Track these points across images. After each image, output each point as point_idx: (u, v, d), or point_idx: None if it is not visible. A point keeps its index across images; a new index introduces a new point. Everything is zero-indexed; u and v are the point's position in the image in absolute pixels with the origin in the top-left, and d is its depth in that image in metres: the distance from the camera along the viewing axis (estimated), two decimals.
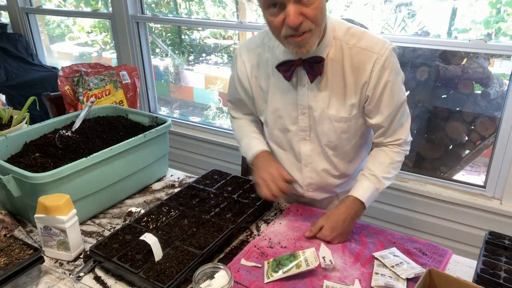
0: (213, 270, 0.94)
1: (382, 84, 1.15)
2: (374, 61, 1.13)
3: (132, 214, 1.29)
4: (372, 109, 1.21)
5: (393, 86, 1.17)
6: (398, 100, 1.19)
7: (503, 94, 2.02)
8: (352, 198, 1.22)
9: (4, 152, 1.35)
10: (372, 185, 1.23)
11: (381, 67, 1.14)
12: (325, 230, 1.18)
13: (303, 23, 1.03)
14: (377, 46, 1.14)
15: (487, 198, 1.99)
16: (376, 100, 1.18)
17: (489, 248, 1.08)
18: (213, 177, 1.48)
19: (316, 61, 1.15)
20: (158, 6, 3.46)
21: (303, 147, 1.31)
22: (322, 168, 1.33)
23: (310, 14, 1.02)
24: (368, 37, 1.16)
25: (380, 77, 1.15)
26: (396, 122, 1.23)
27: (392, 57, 1.15)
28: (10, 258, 1.04)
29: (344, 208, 1.21)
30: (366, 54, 1.14)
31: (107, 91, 2.18)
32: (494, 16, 2.16)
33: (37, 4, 3.62)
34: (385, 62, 1.13)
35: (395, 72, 1.16)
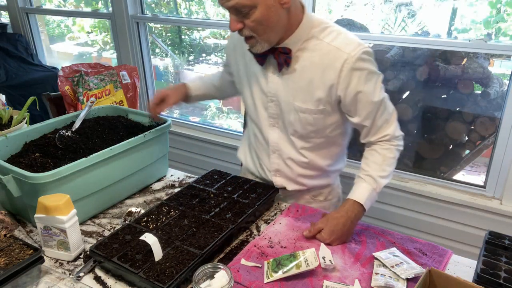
0: (213, 270, 0.94)
1: (353, 86, 1.17)
2: (344, 61, 1.15)
3: (132, 214, 1.29)
4: (350, 109, 1.23)
5: (366, 87, 1.18)
6: (374, 100, 1.20)
7: (503, 94, 2.02)
8: (351, 201, 1.22)
9: (4, 152, 1.35)
10: (369, 186, 1.23)
11: (350, 68, 1.15)
12: (324, 233, 1.18)
13: (243, 30, 1.14)
14: (349, 47, 1.16)
15: (487, 198, 1.99)
16: (351, 101, 1.20)
17: (489, 248, 1.08)
18: (213, 177, 1.48)
19: (285, 52, 1.19)
20: (158, 6, 3.46)
21: (271, 134, 1.35)
22: (288, 157, 1.36)
23: (248, 25, 1.12)
24: (343, 37, 1.18)
25: (351, 79, 1.16)
26: (379, 120, 1.24)
27: (364, 58, 1.16)
28: (10, 258, 1.04)
29: (343, 211, 1.21)
30: (337, 53, 1.16)
31: (107, 91, 2.18)
32: (494, 16, 2.16)
33: (37, 4, 3.62)
34: (355, 63, 1.15)
35: (367, 72, 1.17)
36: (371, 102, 1.20)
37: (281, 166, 1.39)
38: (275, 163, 1.40)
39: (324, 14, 2.49)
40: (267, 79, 1.28)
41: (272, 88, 1.28)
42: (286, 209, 1.36)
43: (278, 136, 1.35)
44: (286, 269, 1.03)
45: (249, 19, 1.10)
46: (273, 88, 1.28)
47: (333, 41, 1.18)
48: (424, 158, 2.29)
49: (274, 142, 1.36)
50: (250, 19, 1.10)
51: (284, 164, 1.39)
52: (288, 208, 1.36)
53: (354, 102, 1.20)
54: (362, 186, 1.23)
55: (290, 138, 1.33)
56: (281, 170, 1.40)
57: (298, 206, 1.37)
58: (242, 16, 1.10)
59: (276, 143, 1.36)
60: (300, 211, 1.34)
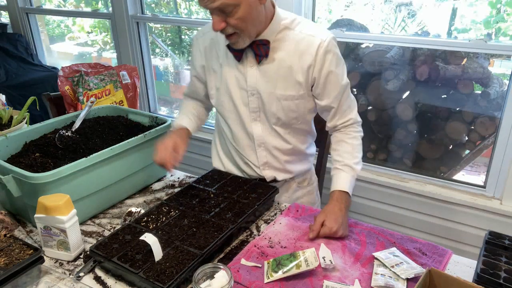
0: (213, 270, 0.94)
1: (326, 67, 1.28)
2: (318, 45, 1.26)
3: (132, 214, 1.29)
4: (320, 91, 1.33)
5: (337, 69, 1.30)
6: (342, 83, 1.32)
7: (503, 94, 2.02)
8: (337, 192, 1.30)
9: (4, 152, 1.35)
10: (348, 175, 1.32)
11: (324, 51, 1.26)
12: (329, 223, 1.19)
13: (226, 28, 1.18)
14: (320, 33, 1.28)
15: (487, 198, 1.99)
16: (323, 82, 1.30)
17: (489, 248, 1.08)
18: (213, 177, 1.48)
19: (263, 43, 1.27)
20: (158, 6, 3.46)
21: (255, 128, 1.40)
22: (274, 146, 1.43)
23: (232, 23, 1.16)
24: (311, 26, 1.31)
25: (324, 60, 1.27)
26: (345, 104, 1.36)
27: (334, 44, 1.29)
28: (10, 258, 1.04)
29: (334, 201, 1.27)
30: (310, 39, 1.27)
31: (107, 91, 2.18)
32: (494, 16, 2.16)
33: (37, 4, 3.62)
34: (327, 46, 1.26)
35: (337, 56, 1.30)
36: (340, 84, 1.32)
37: (269, 158, 1.45)
38: (262, 156, 1.45)
39: (324, 14, 2.49)
40: (246, 74, 1.33)
41: (252, 82, 1.33)
42: (286, 209, 1.36)
43: (261, 129, 1.41)
44: (286, 269, 1.03)
45: (232, 17, 1.15)
46: (253, 82, 1.33)
47: (304, 30, 1.29)
48: (424, 158, 2.29)
49: (258, 136, 1.42)
50: (233, 17, 1.15)
51: (271, 156, 1.45)
52: (288, 208, 1.36)
53: (325, 83, 1.30)
54: (342, 176, 1.32)
55: (273, 128, 1.40)
56: (269, 162, 1.46)
57: (298, 206, 1.37)
58: (225, 15, 1.15)
59: (261, 136, 1.41)
60: (300, 211, 1.34)
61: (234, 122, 1.43)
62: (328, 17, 2.48)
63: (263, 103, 1.35)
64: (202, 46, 1.42)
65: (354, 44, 2.34)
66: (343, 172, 1.32)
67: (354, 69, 2.34)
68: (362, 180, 2.22)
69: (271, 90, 1.32)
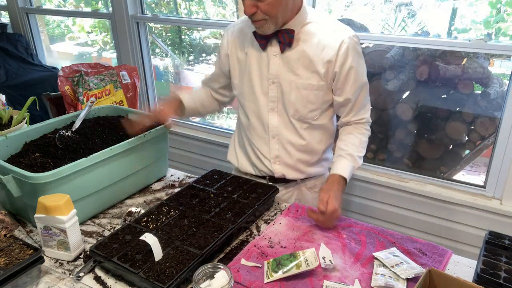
0: (213, 270, 0.94)
1: (348, 63, 1.32)
2: (342, 41, 1.30)
3: (132, 214, 1.29)
4: (340, 86, 1.36)
5: (358, 66, 1.34)
6: (362, 79, 1.37)
7: (503, 94, 2.02)
8: (337, 175, 1.33)
9: (4, 152, 1.35)
10: (350, 163, 1.36)
11: (346, 47, 1.30)
12: (331, 201, 1.23)
13: (257, 14, 1.24)
14: (344, 30, 1.33)
15: (487, 198, 1.99)
16: (344, 77, 1.34)
17: (489, 248, 1.08)
18: (213, 177, 1.48)
19: (288, 32, 1.31)
20: (158, 6, 3.46)
21: (271, 118, 1.43)
22: (288, 140, 1.44)
23: (263, 8, 1.22)
24: (336, 22, 1.37)
25: (346, 56, 1.31)
26: (361, 101, 1.40)
27: (356, 42, 1.34)
28: (10, 258, 1.04)
29: (336, 184, 1.31)
30: (334, 35, 1.32)
31: (107, 91, 2.17)
32: (494, 16, 2.16)
33: (37, 4, 3.62)
34: (349, 44, 1.31)
35: (358, 54, 1.35)
36: (360, 81, 1.36)
37: (281, 151, 1.46)
38: (274, 149, 1.46)
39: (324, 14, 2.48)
40: (269, 62, 1.37)
41: (274, 70, 1.37)
42: (286, 209, 1.36)
43: (277, 120, 1.43)
44: (286, 269, 1.03)
45: (264, 2, 1.21)
46: (275, 70, 1.37)
47: (329, 26, 1.34)
48: (424, 158, 2.29)
49: (274, 127, 1.43)
50: (265, 2, 1.21)
51: (283, 149, 1.46)
52: (288, 208, 1.36)
53: (346, 78, 1.34)
54: (344, 162, 1.36)
55: (290, 120, 1.41)
56: (281, 156, 1.47)
57: (298, 206, 1.37)
58: (257, 0, 1.21)
59: (276, 127, 1.43)
60: (300, 211, 1.34)
61: (251, 111, 1.46)
62: None
63: (282, 93, 1.38)
64: (230, 36, 1.47)
65: None
66: (346, 160, 1.36)
67: None
68: (362, 180, 2.23)
69: (291, 78, 1.36)
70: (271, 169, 1.49)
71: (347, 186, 2.24)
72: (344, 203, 2.32)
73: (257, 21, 1.26)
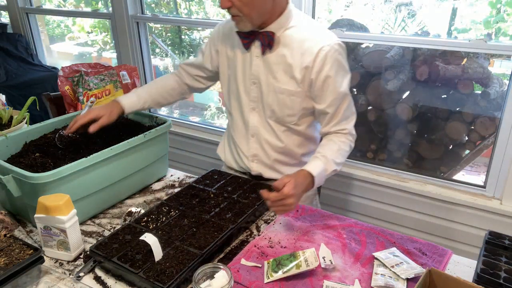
0: (213, 270, 0.94)
1: (325, 70, 1.30)
2: (320, 49, 1.29)
3: (132, 214, 1.29)
4: (317, 93, 1.35)
5: (336, 76, 1.32)
6: (340, 90, 1.33)
7: (503, 94, 2.02)
8: (305, 171, 1.25)
9: (4, 152, 1.35)
10: (322, 164, 1.30)
11: (325, 55, 1.29)
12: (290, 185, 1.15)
13: (231, 8, 1.26)
14: (326, 37, 1.31)
15: (487, 198, 1.99)
16: (320, 85, 1.32)
17: (489, 248, 1.08)
18: (213, 177, 1.48)
19: (269, 35, 1.33)
20: (158, 6, 3.46)
21: (251, 117, 1.46)
22: (266, 140, 1.47)
23: (236, 4, 1.24)
24: (320, 29, 1.35)
25: (323, 64, 1.29)
26: (342, 113, 1.37)
27: (337, 50, 1.31)
28: (10, 258, 1.04)
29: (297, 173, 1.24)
30: (315, 41, 1.30)
31: (107, 91, 2.17)
32: (494, 16, 2.16)
33: (37, 4, 3.62)
34: (329, 51, 1.29)
35: (339, 63, 1.32)
36: (337, 91, 1.33)
37: (259, 151, 1.49)
38: (253, 148, 1.49)
39: (324, 14, 2.49)
40: (251, 63, 1.40)
41: (255, 71, 1.40)
42: None
43: (257, 119, 1.46)
44: (286, 269, 1.03)
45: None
46: (255, 71, 1.40)
47: (312, 32, 1.33)
48: (424, 158, 2.28)
49: (253, 126, 1.47)
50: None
51: (261, 149, 1.48)
52: None
53: (323, 87, 1.32)
54: (316, 162, 1.30)
55: (267, 121, 1.44)
56: (258, 155, 1.49)
57: (298, 206, 1.37)
58: None
59: (256, 127, 1.46)
60: (300, 211, 1.34)
61: (235, 109, 1.51)
62: (328, 17, 2.48)
63: (262, 93, 1.41)
64: (222, 32, 1.49)
65: (354, 44, 2.34)
66: (319, 160, 1.29)
67: (354, 69, 2.34)
68: (362, 180, 2.23)
69: (270, 81, 1.38)
70: (248, 166, 1.51)
71: (347, 186, 2.25)
72: (344, 203, 2.33)
73: (233, 16, 1.29)
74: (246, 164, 1.52)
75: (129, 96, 1.51)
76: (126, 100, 1.48)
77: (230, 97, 1.51)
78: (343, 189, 2.30)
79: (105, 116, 1.40)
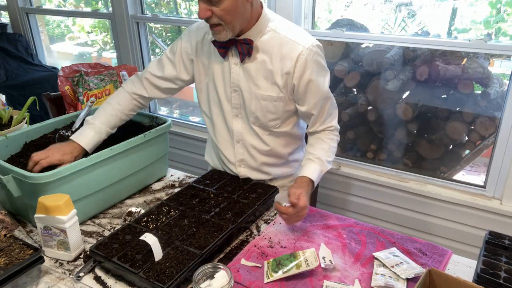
0: (213, 270, 0.94)
1: (307, 75, 1.29)
2: (300, 53, 1.28)
3: (132, 214, 1.29)
4: (300, 97, 1.34)
5: (317, 78, 1.31)
6: (323, 91, 1.34)
7: (503, 94, 2.02)
8: (306, 178, 1.30)
9: (4, 152, 1.35)
10: (318, 167, 1.33)
11: (305, 59, 1.28)
12: (303, 196, 1.20)
13: (211, 18, 1.21)
14: (304, 40, 1.29)
15: (487, 198, 1.99)
16: (303, 89, 1.32)
17: (489, 248, 1.08)
18: (213, 177, 1.48)
19: (247, 42, 1.29)
20: (158, 6, 3.46)
21: (235, 124, 1.44)
22: (252, 145, 1.44)
23: (217, 13, 1.19)
24: (297, 31, 1.33)
25: (304, 68, 1.28)
26: (325, 112, 1.38)
27: (315, 52, 1.30)
28: (10, 258, 1.04)
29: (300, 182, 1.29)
30: (293, 45, 1.29)
31: (107, 91, 2.17)
32: (494, 16, 2.16)
33: (37, 4, 3.62)
34: (308, 55, 1.28)
35: (319, 65, 1.32)
36: (320, 93, 1.34)
37: (245, 155, 1.47)
38: (239, 153, 1.47)
39: (324, 14, 2.49)
40: (230, 70, 1.36)
41: (234, 79, 1.36)
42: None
43: (241, 125, 1.43)
44: (286, 269, 1.03)
45: (218, 7, 1.19)
46: (235, 79, 1.36)
47: (289, 35, 1.30)
48: (424, 158, 2.28)
49: (238, 132, 1.44)
50: (219, 7, 1.19)
51: (247, 154, 1.46)
52: None
53: (305, 90, 1.32)
54: (312, 166, 1.33)
55: (251, 127, 1.42)
56: (245, 159, 1.47)
57: None
58: (212, 4, 1.19)
59: (240, 133, 1.44)
60: None
61: (217, 116, 1.47)
62: (328, 17, 2.48)
63: (243, 100, 1.38)
64: (194, 40, 1.42)
65: (354, 44, 2.34)
66: (315, 163, 1.34)
67: (354, 69, 2.34)
68: (362, 180, 2.23)
69: (252, 88, 1.35)
70: (235, 171, 1.50)
71: (347, 186, 2.25)
72: (344, 203, 2.33)
73: (213, 26, 1.23)
74: (233, 170, 1.50)
75: (86, 134, 1.35)
76: (84, 140, 1.34)
77: (211, 104, 1.46)
78: (343, 189, 2.29)
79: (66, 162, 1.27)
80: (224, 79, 1.39)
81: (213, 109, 1.47)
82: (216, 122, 1.48)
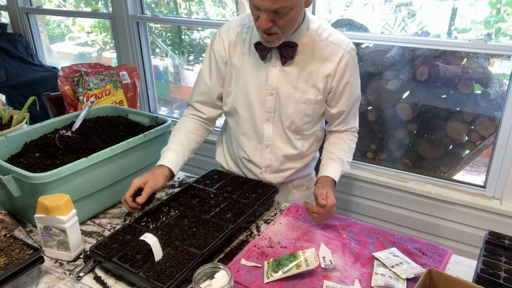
0: (213, 270, 0.94)
1: (346, 78, 1.31)
2: (341, 56, 1.29)
3: (132, 214, 1.28)
4: (334, 99, 1.35)
5: (354, 80, 1.35)
6: (356, 93, 1.38)
7: (503, 94, 2.02)
8: (329, 178, 1.32)
9: (4, 152, 1.35)
10: (340, 167, 1.36)
11: (346, 63, 1.29)
12: (331, 195, 1.23)
13: (272, 27, 1.17)
14: (344, 43, 1.31)
15: (487, 198, 1.99)
16: (340, 91, 1.33)
17: (489, 248, 1.08)
18: (213, 177, 1.48)
19: (290, 46, 1.27)
20: (158, 6, 3.46)
21: (266, 128, 1.40)
22: (281, 150, 1.43)
23: (280, 24, 1.16)
24: (336, 34, 1.33)
25: (345, 71, 1.30)
26: (353, 113, 1.42)
27: (354, 55, 1.33)
28: (10, 258, 1.04)
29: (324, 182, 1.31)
30: (334, 48, 1.30)
31: (107, 91, 2.17)
32: (494, 16, 2.16)
33: (37, 4, 3.62)
34: (349, 59, 1.30)
35: (356, 68, 1.34)
36: (354, 95, 1.37)
37: (273, 161, 1.44)
38: (267, 158, 1.44)
39: (324, 14, 2.49)
40: (268, 73, 1.33)
41: (272, 82, 1.33)
42: (286, 209, 1.36)
43: (272, 130, 1.40)
44: (286, 269, 1.03)
45: (282, 18, 1.15)
46: (273, 82, 1.33)
47: (329, 37, 1.31)
48: (424, 158, 2.29)
49: (268, 137, 1.41)
50: (283, 18, 1.15)
51: (276, 159, 1.44)
52: (288, 208, 1.36)
53: (342, 93, 1.34)
54: (335, 166, 1.36)
55: (285, 131, 1.39)
56: (273, 165, 1.45)
57: (298, 206, 1.37)
58: (276, 15, 1.14)
59: (270, 138, 1.41)
60: (300, 211, 1.34)
61: (244, 120, 1.41)
62: (328, 17, 2.48)
63: (280, 104, 1.34)
64: (226, 40, 1.37)
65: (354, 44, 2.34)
66: (337, 164, 1.36)
67: None
68: (362, 180, 2.23)
69: (290, 91, 1.32)
70: (260, 177, 1.47)
71: (347, 186, 2.25)
72: (344, 203, 2.33)
73: (270, 34, 1.19)
74: (258, 175, 1.47)
75: (169, 156, 1.34)
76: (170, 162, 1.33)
77: (238, 107, 1.40)
78: (343, 189, 2.30)
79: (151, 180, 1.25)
80: (258, 81, 1.35)
81: (241, 113, 1.41)
82: (243, 127, 1.42)
